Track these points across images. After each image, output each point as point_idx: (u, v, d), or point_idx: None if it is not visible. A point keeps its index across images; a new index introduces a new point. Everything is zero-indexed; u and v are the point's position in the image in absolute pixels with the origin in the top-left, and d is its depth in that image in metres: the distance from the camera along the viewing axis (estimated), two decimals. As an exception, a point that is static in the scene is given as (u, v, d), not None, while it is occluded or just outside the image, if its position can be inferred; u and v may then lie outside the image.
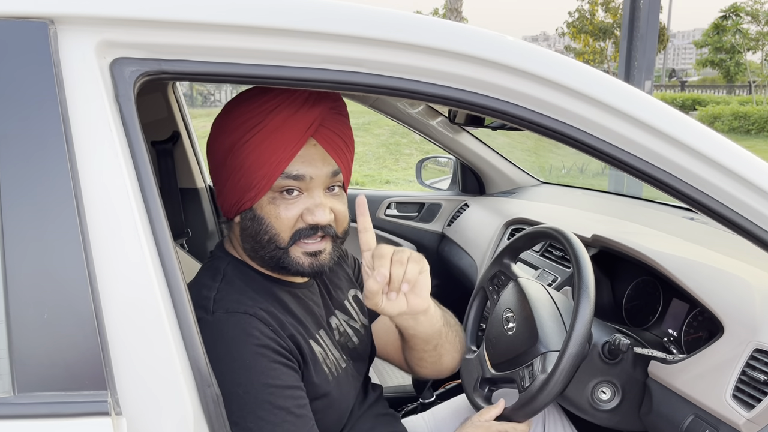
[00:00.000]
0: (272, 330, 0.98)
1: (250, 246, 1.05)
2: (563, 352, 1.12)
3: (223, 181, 1.04)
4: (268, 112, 0.99)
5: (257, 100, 1.00)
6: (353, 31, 0.82)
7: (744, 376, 1.08)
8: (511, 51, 0.86)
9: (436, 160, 2.90)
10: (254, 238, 1.02)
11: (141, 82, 0.80)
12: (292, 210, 1.01)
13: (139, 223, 0.75)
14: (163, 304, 0.74)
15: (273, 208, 1.00)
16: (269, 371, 0.95)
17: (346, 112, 1.09)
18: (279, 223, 1.01)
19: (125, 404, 0.71)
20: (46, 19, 0.75)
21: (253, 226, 1.02)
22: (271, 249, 1.02)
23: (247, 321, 0.97)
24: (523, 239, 1.44)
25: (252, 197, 1.00)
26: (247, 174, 0.99)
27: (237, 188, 1.01)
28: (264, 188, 0.99)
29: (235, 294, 1.01)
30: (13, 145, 0.71)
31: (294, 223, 1.01)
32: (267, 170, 0.98)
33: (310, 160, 1.00)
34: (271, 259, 1.03)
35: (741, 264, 1.32)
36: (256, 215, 1.01)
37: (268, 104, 0.99)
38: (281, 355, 0.97)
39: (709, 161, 0.90)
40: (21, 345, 0.69)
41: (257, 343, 0.95)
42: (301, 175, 1.00)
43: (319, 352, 1.06)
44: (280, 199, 1.00)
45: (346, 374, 1.13)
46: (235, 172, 1.01)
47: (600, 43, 30.32)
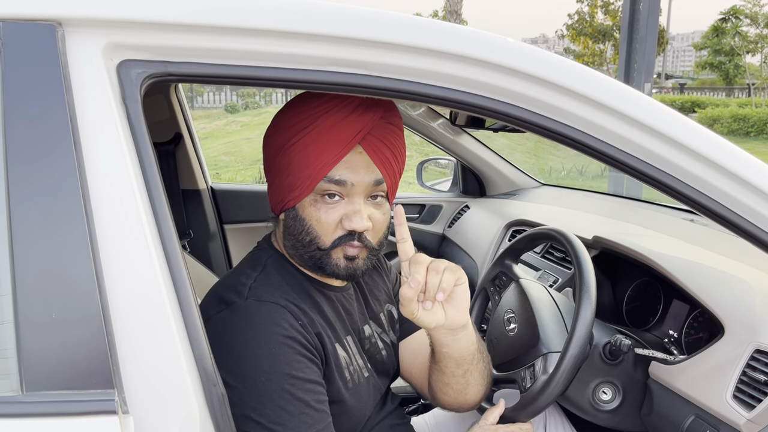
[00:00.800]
0: (300, 324, 0.99)
1: (291, 244, 1.06)
2: (564, 353, 1.13)
3: (272, 178, 1.07)
4: (318, 115, 1.00)
5: (310, 103, 1.02)
6: (357, 33, 0.83)
7: (744, 377, 1.09)
8: (514, 53, 0.87)
9: (437, 161, 2.91)
10: (296, 237, 1.04)
11: (147, 84, 0.80)
12: (332, 214, 1.02)
13: (146, 223, 0.75)
14: (169, 304, 0.75)
15: (314, 211, 1.02)
16: (293, 362, 0.96)
17: (399, 123, 1.09)
18: (319, 227, 1.02)
19: (132, 403, 0.72)
20: (54, 21, 0.75)
21: (295, 225, 1.04)
22: (311, 249, 1.04)
23: (278, 311, 0.98)
24: (524, 240, 1.44)
25: (295, 197, 1.02)
26: (292, 174, 1.02)
27: (283, 187, 1.04)
28: (307, 189, 1.01)
29: (270, 286, 1.03)
30: (22, 146, 0.72)
31: (335, 228, 1.02)
32: (311, 172, 1.00)
33: (353, 167, 1.01)
34: (311, 258, 1.05)
35: (741, 265, 1.33)
36: (298, 215, 1.03)
37: (319, 108, 1.01)
38: (306, 349, 0.99)
39: (708, 162, 0.91)
40: (29, 344, 0.70)
41: (285, 333, 0.96)
42: (343, 180, 1.01)
43: (343, 357, 1.07)
44: (321, 202, 1.02)
45: (368, 384, 1.13)
46: (282, 170, 1.03)
47: (599, 45, 30.34)
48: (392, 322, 1.26)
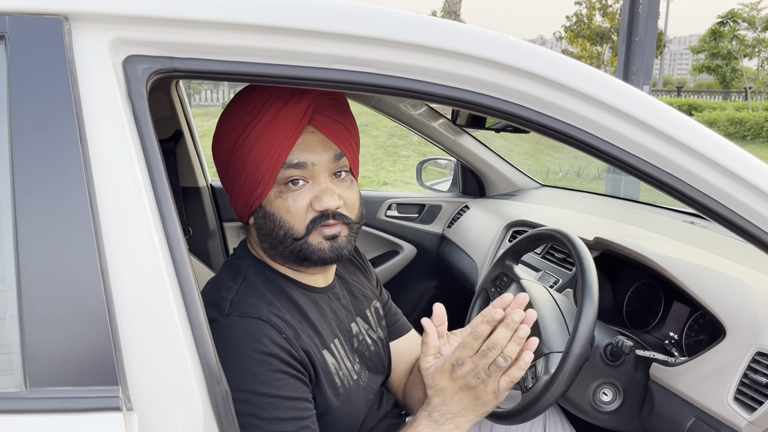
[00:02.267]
0: (285, 338, 0.97)
1: (268, 244, 1.04)
2: (566, 354, 1.13)
3: (231, 184, 1.04)
4: (260, 106, 0.99)
5: (248, 98, 1.01)
6: (364, 31, 0.83)
7: (745, 379, 1.09)
8: (520, 53, 0.87)
9: (436, 162, 2.91)
10: (270, 235, 1.02)
11: (153, 80, 0.80)
12: (300, 200, 1.00)
13: (151, 219, 0.75)
14: (174, 301, 0.74)
15: (282, 202, 1.00)
16: (274, 381, 0.94)
17: (343, 98, 1.08)
18: (290, 216, 1.00)
19: (136, 400, 0.72)
20: (60, 15, 0.75)
21: (267, 223, 1.02)
22: (289, 243, 1.02)
23: (259, 327, 0.96)
24: (525, 241, 1.44)
25: (260, 194, 1.00)
26: (251, 172, 0.99)
27: (244, 188, 1.01)
28: (269, 182, 0.99)
29: (253, 298, 1.00)
30: (28, 141, 0.72)
31: (305, 214, 1.01)
32: (269, 163, 0.98)
33: (309, 147, 1.00)
34: (291, 252, 1.03)
35: (742, 267, 1.33)
36: (267, 212, 1.01)
37: (258, 99, 1.00)
38: (289, 365, 0.96)
39: (711, 163, 0.91)
40: (33, 340, 0.70)
41: (264, 350, 0.94)
42: (302, 162, 0.99)
43: (332, 363, 1.06)
44: (287, 191, 1.00)
45: (358, 386, 1.11)
46: (240, 172, 1.01)
47: (597, 47, 30.41)
48: (379, 319, 1.25)
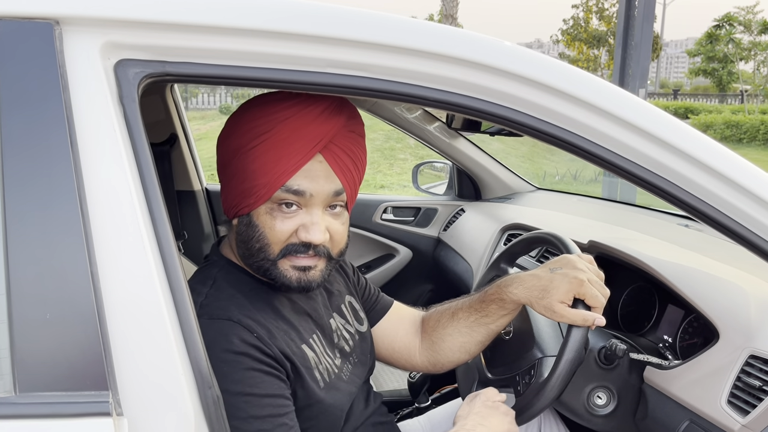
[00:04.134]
0: (257, 337, 0.96)
1: (242, 252, 1.04)
2: (560, 357, 1.13)
3: (226, 181, 1.03)
4: (279, 121, 0.97)
5: (270, 108, 0.99)
6: (357, 35, 0.83)
7: (739, 382, 1.09)
8: (513, 57, 0.87)
9: (432, 165, 2.91)
10: (246, 243, 1.01)
11: (145, 84, 0.80)
12: (287, 224, 0.99)
13: (142, 223, 0.75)
14: (165, 305, 0.74)
15: (269, 219, 0.99)
16: (246, 379, 0.93)
17: (361, 131, 1.07)
18: (272, 235, 0.99)
19: (126, 405, 0.71)
20: (51, 20, 0.75)
21: (247, 232, 1.01)
22: (259, 258, 1.01)
23: (229, 328, 0.95)
24: (520, 244, 1.44)
25: (250, 204, 0.99)
26: (248, 180, 0.98)
27: (237, 192, 1.00)
28: (263, 197, 0.98)
29: (223, 300, 0.99)
30: (18, 145, 0.72)
31: (287, 237, 0.99)
32: (268, 180, 0.97)
33: (313, 176, 0.98)
34: (259, 268, 1.02)
35: (736, 270, 1.33)
36: (251, 222, 1.00)
37: (280, 113, 0.97)
38: (263, 363, 0.95)
39: (705, 167, 0.91)
40: (23, 345, 0.69)
41: (235, 350, 0.93)
42: (301, 190, 0.98)
43: (312, 357, 1.05)
44: (278, 211, 0.99)
45: (339, 380, 1.11)
46: (237, 175, 1.00)
47: (594, 50, 30.51)
48: (355, 313, 1.25)
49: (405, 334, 1.33)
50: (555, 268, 1.13)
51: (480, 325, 1.23)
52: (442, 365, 1.29)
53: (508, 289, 1.17)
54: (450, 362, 1.28)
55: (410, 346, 1.32)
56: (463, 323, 1.25)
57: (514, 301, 1.17)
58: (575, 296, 1.09)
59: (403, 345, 1.32)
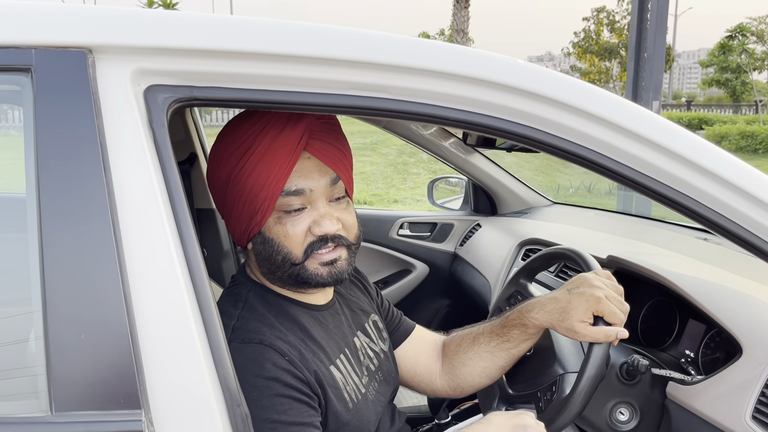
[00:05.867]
0: (288, 361, 0.97)
1: (267, 269, 1.05)
2: (582, 373, 1.12)
3: (229, 211, 1.05)
4: (256, 134, 1.00)
5: (242, 126, 1.02)
6: (379, 58, 0.84)
7: (763, 398, 1.08)
8: (528, 76, 0.89)
9: (447, 180, 2.92)
10: (268, 260, 1.03)
11: (173, 108, 0.82)
12: (299, 226, 1.01)
13: (172, 244, 0.77)
14: (195, 325, 0.76)
15: (280, 228, 1.01)
16: (276, 406, 0.94)
17: (335, 121, 1.10)
18: (289, 241, 1.01)
19: (158, 423, 0.73)
20: (84, 48, 0.77)
21: (265, 249, 1.02)
22: (287, 267, 1.03)
23: (261, 352, 0.96)
24: (539, 260, 1.45)
25: (258, 221, 1.01)
26: (248, 200, 1.00)
27: (242, 216, 1.02)
28: (268, 210, 1.00)
29: (255, 322, 1.01)
30: (54, 170, 0.74)
31: (304, 239, 1.02)
32: (267, 192, 0.99)
33: (306, 173, 1.01)
34: (290, 277, 1.04)
35: (757, 284, 1.33)
36: (266, 238, 1.02)
37: (254, 127, 1.00)
38: (293, 388, 0.96)
39: (721, 181, 0.92)
40: (58, 365, 0.71)
41: (266, 375, 0.94)
42: (300, 189, 1.00)
43: (340, 379, 1.06)
44: (286, 217, 1.01)
45: (366, 400, 1.12)
46: (237, 200, 1.01)
47: (606, 63, 30.46)
48: (379, 332, 1.26)
49: (427, 358, 1.33)
50: (572, 288, 1.14)
51: (501, 350, 1.23)
52: (463, 389, 1.30)
53: (529, 314, 1.18)
54: (471, 387, 1.29)
55: (431, 370, 1.32)
56: (485, 348, 1.25)
57: (536, 326, 1.18)
58: (594, 314, 1.09)
59: (425, 369, 1.33)
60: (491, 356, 1.24)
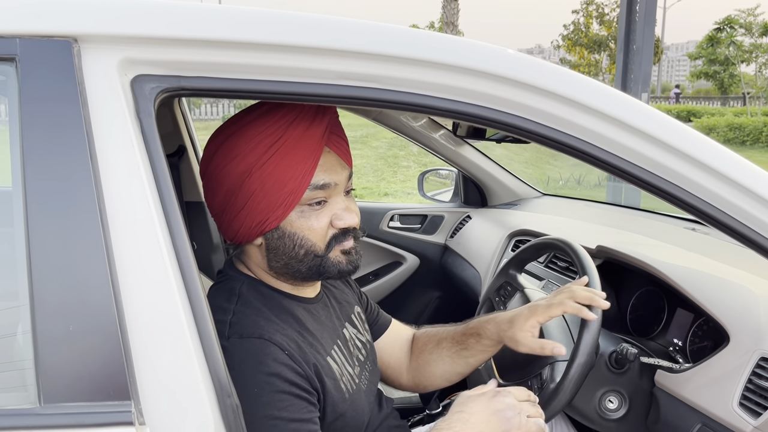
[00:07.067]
0: (288, 355, 0.96)
1: (282, 263, 1.03)
2: (572, 362, 1.13)
3: (239, 206, 1.00)
4: (285, 127, 0.98)
5: (269, 118, 0.99)
6: (368, 47, 0.84)
7: (750, 384, 1.09)
8: (520, 66, 0.89)
9: (437, 172, 2.92)
10: (288, 254, 1.02)
11: (161, 98, 0.82)
12: (322, 219, 1.02)
13: (161, 235, 0.76)
14: (184, 316, 0.75)
15: (304, 221, 1.00)
16: (276, 402, 0.93)
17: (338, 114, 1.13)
18: (313, 234, 1.01)
19: (148, 414, 0.72)
20: (70, 38, 0.77)
21: (284, 243, 1.01)
22: (309, 260, 1.02)
23: (261, 347, 0.95)
24: (529, 250, 1.45)
25: (280, 215, 0.99)
26: (270, 193, 0.98)
27: (259, 210, 0.99)
28: (292, 204, 0.99)
29: (251, 316, 0.99)
30: (40, 160, 0.73)
31: (326, 231, 1.02)
32: (293, 185, 0.98)
33: (330, 168, 1.02)
34: (310, 269, 1.03)
35: (744, 273, 1.34)
36: (286, 232, 1.01)
37: (284, 119, 0.99)
38: (293, 384, 0.95)
39: (708, 169, 0.92)
40: (47, 357, 0.71)
41: (267, 371, 0.94)
42: (327, 183, 1.00)
43: (336, 370, 1.06)
44: (309, 211, 1.01)
45: (359, 390, 1.12)
46: (255, 193, 0.98)
47: (595, 55, 30.53)
48: (363, 323, 1.27)
49: (399, 352, 1.36)
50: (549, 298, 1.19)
51: (460, 357, 1.28)
52: (425, 387, 1.35)
53: (485, 324, 1.23)
54: (432, 386, 1.34)
55: (401, 365, 1.36)
56: (446, 353, 1.30)
57: (489, 337, 1.23)
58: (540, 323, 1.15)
59: (396, 363, 1.36)
60: (451, 362, 1.29)
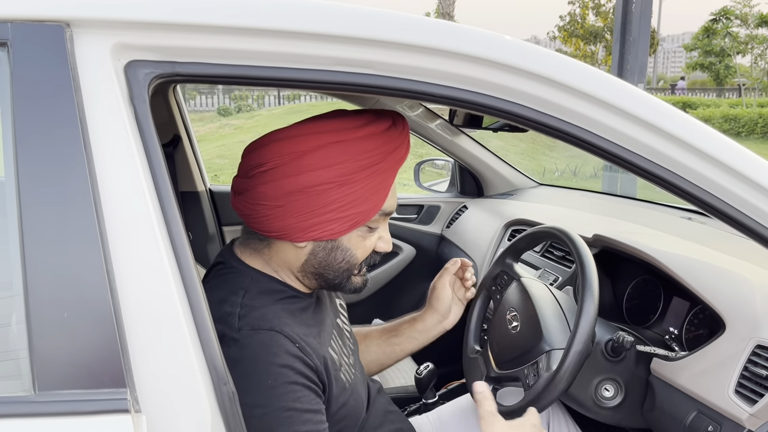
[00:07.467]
0: (299, 348, 0.96)
1: (313, 270, 1.03)
2: (568, 350, 1.13)
3: (309, 208, 0.97)
4: (389, 152, 1.00)
5: (378, 139, 0.99)
6: (363, 33, 0.83)
7: (746, 372, 1.10)
8: (519, 53, 0.88)
9: (434, 162, 2.92)
10: (330, 265, 1.03)
11: (155, 84, 0.81)
12: (373, 240, 1.05)
13: (155, 221, 0.75)
14: (179, 303, 0.75)
15: (361, 240, 1.03)
16: (289, 393, 0.94)
17: None
18: (362, 254, 1.05)
19: (144, 402, 0.72)
20: (62, 22, 0.75)
21: (333, 255, 1.02)
22: (345, 276, 1.05)
23: (272, 338, 0.95)
24: (525, 239, 1.45)
25: (345, 229, 1.00)
26: (346, 207, 0.97)
27: (329, 218, 0.98)
28: (360, 223, 1.00)
29: (260, 309, 0.99)
30: (32, 146, 0.72)
31: (370, 252, 1.06)
32: (369, 206, 0.99)
33: (394, 195, 1.04)
34: (339, 283, 1.06)
35: (741, 262, 1.34)
36: (341, 246, 1.02)
37: (390, 144, 1.00)
38: (304, 376, 0.96)
39: (708, 158, 0.92)
40: (41, 344, 0.70)
41: (280, 363, 0.94)
42: (391, 211, 1.04)
43: (337, 360, 1.07)
44: (366, 231, 1.03)
45: (356, 379, 1.14)
46: (335, 203, 0.97)
47: (591, 46, 30.48)
48: (345, 312, 1.28)
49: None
50: None
51: (388, 345, 1.37)
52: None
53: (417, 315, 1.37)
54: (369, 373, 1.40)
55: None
56: (374, 343, 1.38)
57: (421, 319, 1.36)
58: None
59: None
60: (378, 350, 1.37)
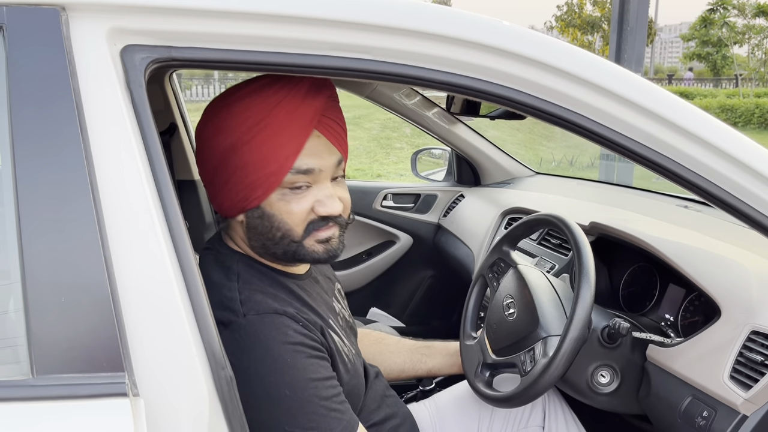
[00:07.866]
0: (303, 325, 0.98)
1: (259, 243, 1.03)
2: (564, 336, 1.14)
3: (223, 180, 1.01)
4: (272, 107, 0.97)
5: (257, 96, 0.98)
6: (361, 18, 0.83)
7: (741, 358, 1.10)
8: (515, 37, 0.88)
9: (431, 152, 2.91)
10: (265, 235, 1.01)
11: (151, 69, 0.80)
12: (303, 204, 1.00)
13: (153, 206, 0.75)
14: (177, 288, 0.75)
15: (284, 204, 0.99)
16: (309, 366, 0.95)
17: (338, 99, 1.09)
18: (292, 219, 1.00)
19: (142, 386, 0.72)
20: (57, 6, 0.75)
21: (263, 223, 1.00)
22: (285, 244, 1.01)
23: (280, 320, 0.96)
24: (522, 227, 1.45)
25: (259, 195, 0.98)
26: (252, 172, 0.97)
27: (241, 187, 0.99)
28: (273, 185, 0.98)
29: (257, 293, 1.00)
30: (28, 132, 0.72)
31: (306, 217, 1.01)
32: (275, 167, 0.96)
33: (317, 153, 0.99)
34: (285, 253, 1.02)
35: (736, 248, 1.34)
36: (265, 213, 1.00)
37: (270, 99, 0.97)
38: (315, 349, 0.98)
39: (707, 145, 0.92)
40: (39, 328, 0.70)
41: (292, 341, 0.95)
42: (311, 168, 0.98)
43: (338, 341, 1.08)
44: (291, 194, 0.99)
45: (356, 360, 1.15)
46: (238, 170, 0.98)
47: (588, 36, 30.43)
48: (343, 299, 1.28)
49: None
50: None
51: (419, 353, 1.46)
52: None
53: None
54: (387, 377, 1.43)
55: None
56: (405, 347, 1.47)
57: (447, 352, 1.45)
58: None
59: None
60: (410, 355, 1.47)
